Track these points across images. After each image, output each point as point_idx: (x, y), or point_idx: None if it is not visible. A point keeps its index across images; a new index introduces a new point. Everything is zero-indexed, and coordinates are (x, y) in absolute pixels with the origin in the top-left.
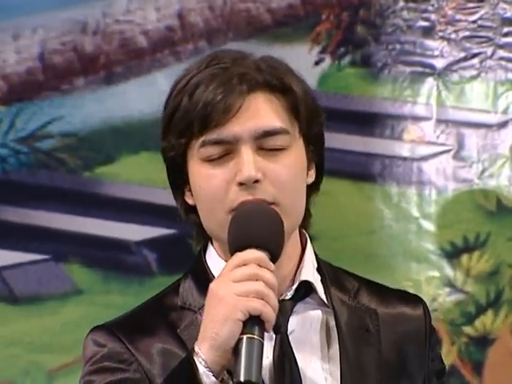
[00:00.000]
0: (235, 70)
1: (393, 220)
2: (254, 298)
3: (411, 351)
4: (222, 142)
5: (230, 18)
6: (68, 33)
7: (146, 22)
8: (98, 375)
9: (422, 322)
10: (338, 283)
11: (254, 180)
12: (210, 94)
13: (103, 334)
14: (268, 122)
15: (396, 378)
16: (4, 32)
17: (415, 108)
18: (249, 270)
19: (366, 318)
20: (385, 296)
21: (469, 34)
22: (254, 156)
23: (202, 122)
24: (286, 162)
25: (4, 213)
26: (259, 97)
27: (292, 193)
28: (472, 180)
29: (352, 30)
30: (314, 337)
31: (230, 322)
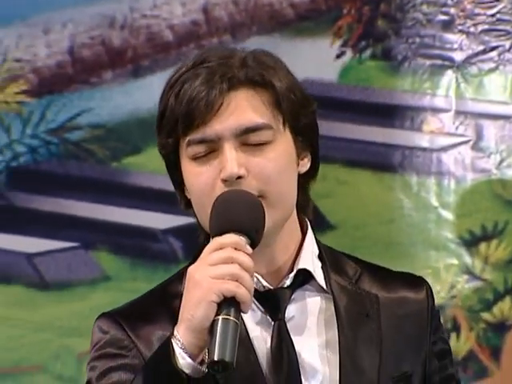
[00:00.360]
0: (218, 69)
1: (412, 209)
2: (229, 280)
3: (413, 334)
4: (206, 141)
5: (253, 13)
6: (96, 27)
7: (171, 17)
8: (101, 361)
9: (425, 305)
10: (339, 269)
11: (237, 176)
12: (193, 93)
13: (107, 322)
14: (249, 119)
15: (396, 363)
16: (35, 27)
17: (434, 100)
18: (224, 253)
19: (367, 304)
20: (388, 280)
21: (487, 28)
22: (237, 153)
23: (185, 122)
24: (270, 156)
25: (35, 202)
26: (241, 94)
27: (278, 185)
28: (490, 170)
29: (373, 23)
30: (312, 323)
31: (204, 303)
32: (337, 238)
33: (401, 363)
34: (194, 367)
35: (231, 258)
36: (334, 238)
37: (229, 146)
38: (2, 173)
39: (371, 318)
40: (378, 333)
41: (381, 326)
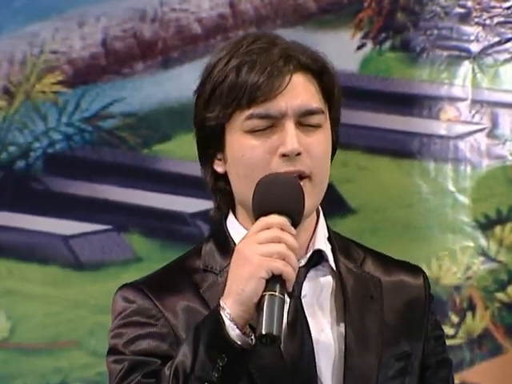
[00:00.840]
0: (278, 51)
1: (430, 194)
2: (277, 258)
3: (411, 317)
4: (269, 117)
5: (277, 6)
6: (128, 20)
7: (200, 11)
8: (128, 328)
9: (422, 291)
10: (346, 253)
11: (297, 152)
12: (258, 72)
13: (132, 292)
14: (310, 102)
15: (396, 342)
16: (70, 20)
17: (452, 89)
18: (272, 233)
19: (371, 286)
20: (388, 266)
21: (503, 20)
22: (297, 131)
23: (250, 97)
24: (320, 139)
25: (70, 187)
26: (301, 77)
27: (324, 167)
28: (505, 157)
29: (392, 16)
30: (323, 301)
31: (255, 279)
32: (357, 222)
33: (401, 343)
34: (244, 339)
35: (279, 238)
36: (355, 221)
37: (290, 123)
38: (39, 159)
39: (375, 300)
40: (380, 314)
41: (383, 308)
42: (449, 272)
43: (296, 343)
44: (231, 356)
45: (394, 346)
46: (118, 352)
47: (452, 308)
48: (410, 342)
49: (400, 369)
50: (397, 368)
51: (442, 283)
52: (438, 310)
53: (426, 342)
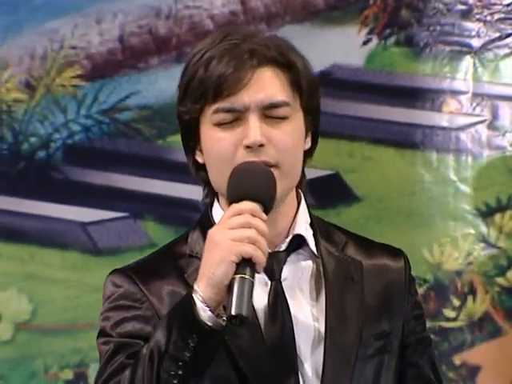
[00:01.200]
0: (246, 46)
1: (432, 183)
2: (247, 243)
3: (392, 298)
4: (233, 110)
5: (287, 3)
6: (144, 17)
7: (212, 8)
8: (115, 312)
9: (403, 273)
10: (328, 237)
11: (259, 144)
12: (224, 67)
13: (120, 277)
14: (274, 95)
15: (376, 322)
16: (88, 17)
17: (453, 83)
18: (243, 218)
19: (352, 269)
20: (370, 249)
21: (503, 17)
22: (260, 123)
23: (215, 91)
24: (287, 130)
25: (88, 176)
26: (267, 71)
27: (291, 157)
28: (505, 147)
29: (397, 13)
30: (304, 284)
31: (225, 263)
32: (362, 210)
33: (380, 323)
34: (215, 320)
35: (249, 223)
36: (360, 210)
37: (254, 116)
38: (58, 149)
39: (355, 282)
40: (361, 295)
41: (364, 289)
42: (450, 258)
43: (276, 324)
44: (202, 337)
45: (374, 325)
46: (106, 334)
47: (453, 292)
48: (389, 321)
49: (379, 347)
50: (376, 347)
51: (443, 268)
52: (440, 294)
53: (405, 321)
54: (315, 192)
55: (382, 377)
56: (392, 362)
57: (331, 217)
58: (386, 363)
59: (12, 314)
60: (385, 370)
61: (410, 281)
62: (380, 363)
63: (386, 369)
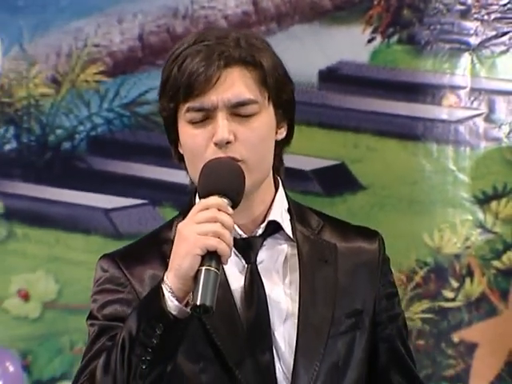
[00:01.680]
0: (216, 48)
1: (433, 172)
2: (212, 236)
3: (365, 278)
4: (203, 109)
5: (296, 4)
6: (162, 17)
7: (226, 8)
8: (100, 295)
9: (376, 254)
10: (305, 221)
11: (226, 141)
12: (194, 67)
13: (107, 262)
14: (240, 94)
15: (349, 301)
16: (110, 17)
17: (453, 78)
18: (209, 213)
19: (326, 251)
20: (346, 232)
21: (499, 16)
22: (228, 122)
23: (186, 91)
24: (254, 126)
25: (110, 165)
26: (234, 71)
27: (259, 152)
28: (501, 139)
29: (399, 13)
30: (279, 266)
31: (190, 256)
32: (367, 197)
33: (353, 302)
34: (180, 309)
35: (215, 218)
36: (365, 197)
37: (222, 115)
38: (82, 141)
39: (329, 264)
40: (334, 276)
41: (337, 271)
42: (449, 242)
43: (252, 304)
44: (167, 325)
45: (346, 304)
46: (93, 316)
47: (452, 274)
48: (361, 300)
49: (351, 325)
50: (348, 324)
51: (443, 252)
52: (439, 276)
53: (377, 300)
54: (322, 181)
55: (353, 352)
56: (363, 338)
57: (338, 204)
58: (357, 339)
59: (40, 294)
60: (356, 345)
61: (384, 261)
62: (352, 339)
63: (357, 345)
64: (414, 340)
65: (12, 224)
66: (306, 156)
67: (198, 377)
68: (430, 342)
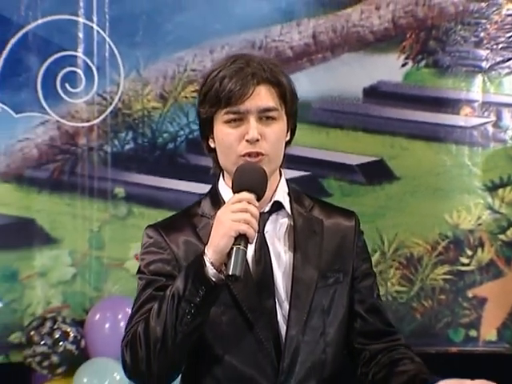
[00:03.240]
0: (248, 70)
1: (452, 166)
2: (243, 223)
3: (344, 246)
4: (239, 113)
5: (346, 37)
6: (244, 48)
7: (291, 41)
8: (147, 255)
9: (353, 228)
10: (299, 202)
11: (256, 139)
12: (233, 85)
13: (151, 231)
14: (267, 103)
15: (332, 262)
16: (204, 48)
17: (468, 94)
18: (241, 205)
19: (315, 225)
20: (330, 211)
21: (505, 46)
22: (257, 124)
23: (227, 101)
24: (275, 129)
25: (204, 161)
26: (263, 88)
27: (277, 148)
28: (506, 140)
29: (426, 43)
30: (281, 235)
31: (226, 237)
32: (400, 186)
33: (335, 262)
34: (218, 276)
35: (246, 209)
36: (399, 186)
37: (253, 118)
38: (182, 142)
39: (317, 234)
40: (320, 243)
41: (323, 239)
42: (465, 220)
43: (260, 263)
44: (208, 288)
45: (330, 264)
46: (141, 271)
47: (467, 245)
48: (341, 262)
49: (334, 280)
50: (331, 279)
51: (460, 228)
52: (457, 246)
53: (354, 261)
54: (365, 173)
55: (335, 300)
56: (343, 290)
57: (377, 191)
58: (338, 291)
59: None
60: (337, 295)
61: (359, 234)
62: (334, 291)
63: (338, 295)
64: (437, 295)
65: (131, 205)
66: (353, 154)
67: (219, 317)
68: (450, 297)
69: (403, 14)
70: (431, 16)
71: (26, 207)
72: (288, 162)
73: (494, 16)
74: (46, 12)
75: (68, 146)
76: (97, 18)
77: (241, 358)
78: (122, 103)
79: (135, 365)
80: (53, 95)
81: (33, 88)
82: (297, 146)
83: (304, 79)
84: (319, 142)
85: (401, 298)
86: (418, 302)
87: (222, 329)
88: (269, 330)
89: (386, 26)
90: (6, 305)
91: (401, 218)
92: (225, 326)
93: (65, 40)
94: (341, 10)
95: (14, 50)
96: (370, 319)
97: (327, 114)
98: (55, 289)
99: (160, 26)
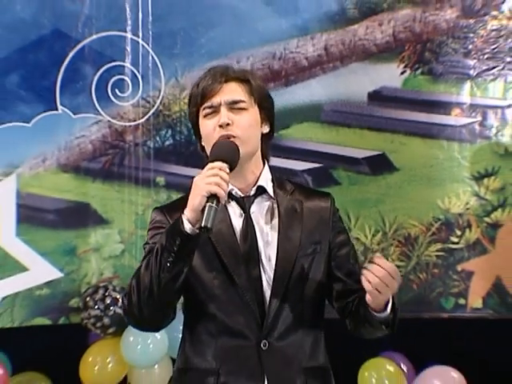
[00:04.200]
0: (219, 71)
1: (444, 159)
2: (213, 185)
3: (321, 222)
4: (212, 106)
5: (353, 49)
6: (265, 59)
7: (306, 52)
8: (151, 231)
9: (329, 208)
10: (282, 187)
11: (226, 123)
12: (206, 84)
13: (157, 211)
14: (234, 96)
15: (311, 235)
16: (232, 59)
17: (458, 97)
18: (213, 171)
19: (296, 205)
20: (309, 194)
21: (490, 56)
22: (227, 112)
23: (202, 97)
24: (244, 116)
25: None
26: (232, 84)
27: (247, 132)
28: (491, 137)
29: (422, 54)
30: (265, 215)
31: (200, 196)
32: (399, 176)
33: (313, 236)
34: (192, 229)
35: (216, 174)
36: (398, 176)
37: (224, 108)
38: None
39: (298, 213)
40: (301, 220)
41: (303, 217)
42: (455, 205)
43: (247, 238)
44: (183, 238)
45: (309, 237)
46: (146, 242)
47: (457, 226)
48: (319, 235)
49: (312, 250)
50: (310, 250)
51: (451, 212)
52: (448, 227)
53: (330, 234)
54: (370, 165)
55: (312, 267)
56: (321, 259)
57: (380, 180)
58: (316, 259)
59: None
60: (315, 263)
61: (334, 211)
62: (312, 259)
63: (315, 263)
64: (431, 269)
65: (170, 191)
66: (359, 148)
67: (212, 281)
68: (442, 271)
69: (402, 29)
70: (426, 31)
71: (82, 193)
72: (303, 156)
73: (480, 31)
74: (99, 29)
75: (117, 142)
76: (142, 33)
77: (230, 316)
78: (162, 106)
79: (130, 311)
80: (105, 99)
81: (88, 93)
82: (311, 142)
83: (317, 85)
84: (330, 138)
85: (400, 271)
86: (415, 274)
87: (214, 291)
88: (254, 293)
89: (388, 40)
90: (66, 275)
91: (400, 203)
92: (216, 288)
93: (115, 52)
94: (349, 25)
95: (73, 61)
96: (347, 281)
97: (337, 115)
98: (107, 262)
99: (195, 41)
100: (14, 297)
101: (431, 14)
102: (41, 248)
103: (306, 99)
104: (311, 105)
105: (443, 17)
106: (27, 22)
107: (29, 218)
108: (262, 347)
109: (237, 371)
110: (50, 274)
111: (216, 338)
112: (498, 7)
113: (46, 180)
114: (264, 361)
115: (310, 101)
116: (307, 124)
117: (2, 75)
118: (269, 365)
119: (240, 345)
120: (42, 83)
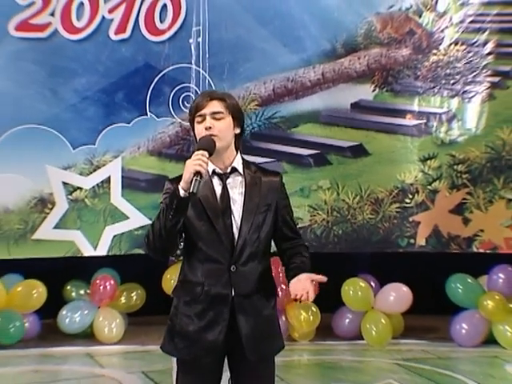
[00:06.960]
0: (206, 94)
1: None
2: (197, 165)
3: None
4: (202, 115)
5: (341, 75)
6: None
7: (310, 77)
8: (164, 194)
9: (278, 181)
10: (249, 168)
11: (209, 127)
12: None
13: (169, 182)
14: (215, 109)
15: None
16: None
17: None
18: (197, 156)
19: (257, 180)
20: (265, 173)
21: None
22: (211, 120)
23: (196, 109)
24: (221, 122)
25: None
26: (214, 102)
27: (224, 133)
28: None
29: (387, 79)
30: (236, 186)
31: (188, 173)
32: (372, 159)
33: (266, 200)
34: (184, 194)
35: (199, 158)
36: (371, 159)
37: (208, 117)
38: (248, 133)
39: (257, 185)
40: (259, 189)
41: (261, 188)
42: (408, 178)
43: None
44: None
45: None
46: (161, 202)
47: (409, 192)
48: (270, 199)
49: (265, 209)
50: (264, 209)
51: (405, 182)
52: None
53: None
54: (352, 151)
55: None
56: (270, 215)
57: (358, 162)
58: (267, 215)
59: None
60: (267, 218)
61: (282, 185)
62: (265, 215)
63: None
64: (391, 220)
65: None
66: (345, 140)
67: (200, 227)
68: (399, 221)
69: (373, 61)
70: (389, 63)
71: (162, 169)
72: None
73: (425, 63)
74: (174, 62)
75: (186, 136)
76: (202, 65)
77: (211, 249)
78: None
79: (149, 245)
80: (177, 108)
81: (166, 104)
82: (313, 136)
83: (317, 99)
84: (325, 134)
85: (371, 222)
86: (381, 223)
87: (201, 234)
88: (227, 234)
89: (364, 69)
90: None
91: (371, 176)
92: (203, 232)
93: (184, 78)
94: (338, 59)
95: (157, 84)
96: (284, 230)
97: (330, 118)
98: None
99: (236, 69)
100: (120, 235)
101: (392, 51)
102: (137, 204)
103: (310, 108)
104: (312, 111)
105: (400, 53)
106: (128, 59)
107: (129, 185)
108: (231, 270)
109: (215, 284)
110: (143, 221)
111: (202, 263)
112: (437, 47)
113: (140, 161)
114: (232, 278)
115: (312, 109)
116: (310, 124)
117: (112, 93)
118: (235, 280)
119: (218, 267)
120: (137, 98)
